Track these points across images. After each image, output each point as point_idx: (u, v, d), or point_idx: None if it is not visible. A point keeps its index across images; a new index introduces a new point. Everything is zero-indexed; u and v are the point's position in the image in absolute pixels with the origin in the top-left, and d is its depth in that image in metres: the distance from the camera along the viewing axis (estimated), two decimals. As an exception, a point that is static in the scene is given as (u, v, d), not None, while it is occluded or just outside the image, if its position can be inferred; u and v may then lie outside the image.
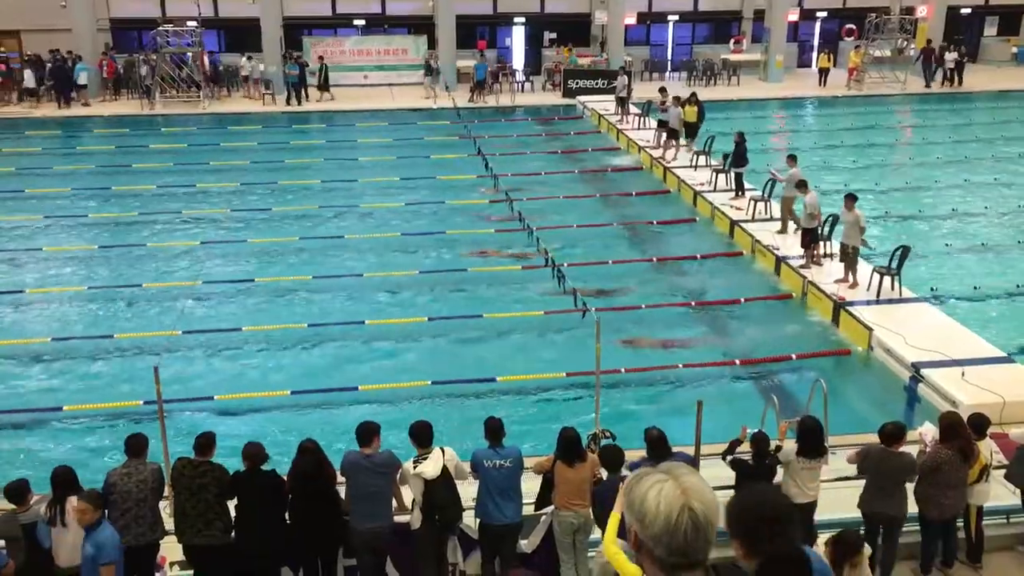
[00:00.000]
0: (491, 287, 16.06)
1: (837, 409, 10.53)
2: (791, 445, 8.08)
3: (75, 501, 7.18)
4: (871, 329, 13.32)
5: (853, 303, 14.15)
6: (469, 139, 26.04)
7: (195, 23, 31.53)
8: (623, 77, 29.06)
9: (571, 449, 7.86)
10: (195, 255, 17.79)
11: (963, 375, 11.66)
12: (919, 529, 8.23)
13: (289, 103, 31.57)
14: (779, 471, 8.12)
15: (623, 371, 12.52)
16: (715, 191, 20.31)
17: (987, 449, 8.30)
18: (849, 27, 38.15)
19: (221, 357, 13.58)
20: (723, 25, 38.74)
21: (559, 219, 19.58)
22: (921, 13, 36.39)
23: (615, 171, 24.21)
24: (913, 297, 14.58)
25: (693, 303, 15.39)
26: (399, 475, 7.83)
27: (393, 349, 13.77)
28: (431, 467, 7.57)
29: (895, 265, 14.40)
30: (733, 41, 37.58)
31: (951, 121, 29.78)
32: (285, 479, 7.83)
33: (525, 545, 8.13)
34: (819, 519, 8.21)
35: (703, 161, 22.13)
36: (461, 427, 10.85)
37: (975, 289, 15.64)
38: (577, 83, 33.03)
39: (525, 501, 8.09)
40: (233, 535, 7.75)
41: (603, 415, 10.30)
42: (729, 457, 8.29)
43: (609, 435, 8.91)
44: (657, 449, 7.75)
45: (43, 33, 33.05)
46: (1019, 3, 39.27)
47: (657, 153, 23.69)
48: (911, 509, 8.06)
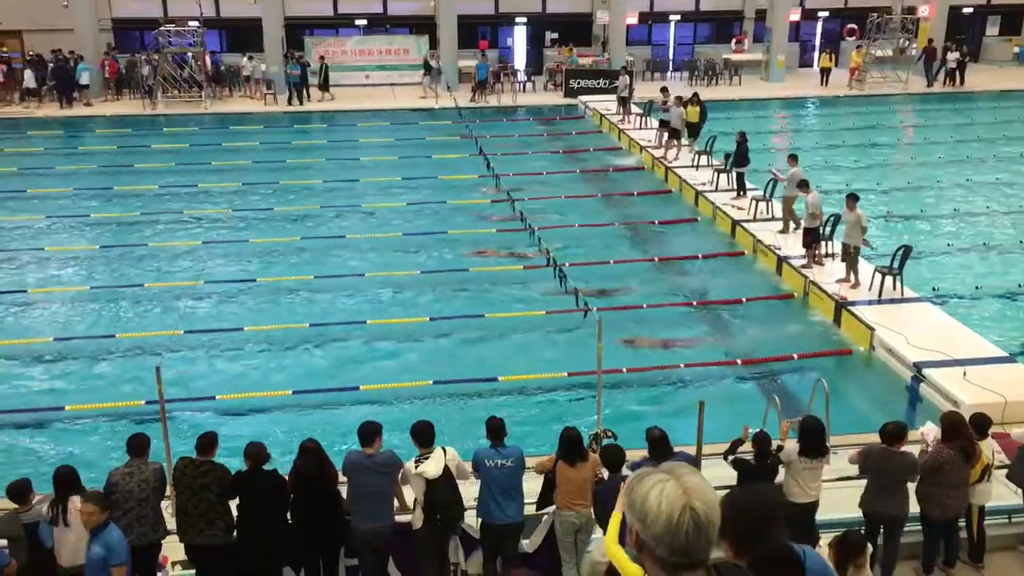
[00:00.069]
0: (493, 287, 16.06)
1: (839, 409, 10.52)
2: (793, 445, 8.08)
3: (77, 501, 7.18)
4: (873, 329, 13.31)
5: (855, 303, 14.14)
6: (471, 139, 26.07)
7: (197, 23, 31.55)
8: (625, 77, 29.06)
9: (573, 449, 7.86)
10: (197, 255, 17.80)
11: (965, 375, 11.66)
12: (921, 529, 8.22)
13: (291, 103, 31.58)
14: (781, 471, 8.12)
15: (624, 371, 12.52)
16: (717, 191, 20.31)
17: (989, 449, 8.30)
18: (851, 27, 38.11)
19: (223, 357, 13.59)
20: (725, 25, 38.71)
21: (561, 219, 19.58)
22: (923, 13, 36.36)
23: (617, 171, 24.20)
24: (915, 297, 14.57)
25: (695, 303, 15.38)
26: (401, 475, 7.83)
27: (395, 349, 13.77)
28: (433, 467, 7.57)
29: (897, 265, 14.39)
30: (735, 41, 37.55)
31: (953, 121, 29.75)
32: (287, 479, 7.84)
33: (527, 545, 8.13)
34: (821, 519, 8.21)
35: (705, 161, 22.12)
36: (463, 427, 10.85)
37: (977, 289, 15.64)
38: (579, 83, 33.02)
39: (527, 501, 8.09)
40: (235, 535, 7.75)
41: (605, 415, 10.30)
42: (731, 457, 8.28)
43: (611, 435, 8.90)
44: (659, 449, 7.75)
45: (45, 33, 33.10)
46: (1021, 3, 39.21)
47: (659, 153, 23.69)
48: (913, 509, 8.06)
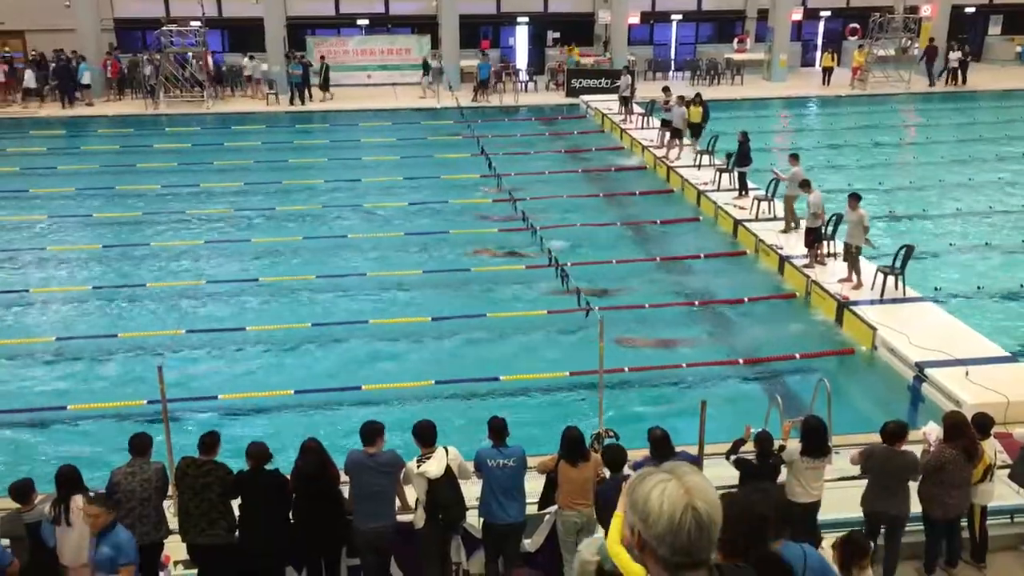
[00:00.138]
0: (495, 287, 16.06)
1: (841, 409, 10.53)
2: (795, 445, 8.07)
3: (80, 501, 7.19)
4: (875, 328, 13.30)
5: (857, 302, 14.13)
6: (472, 139, 26.06)
7: (199, 23, 31.58)
8: (626, 76, 29.06)
9: (574, 448, 7.86)
10: (199, 255, 17.82)
11: (967, 375, 11.66)
12: (923, 529, 8.21)
13: (292, 103, 31.59)
14: (783, 471, 8.11)
15: (626, 370, 12.52)
16: (719, 190, 20.31)
17: (991, 449, 8.29)
18: (853, 26, 38.09)
19: (225, 357, 13.61)
20: (727, 24, 38.70)
21: (562, 218, 19.58)
22: (925, 12, 36.31)
23: (619, 171, 24.19)
24: (917, 296, 14.56)
25: (697, 303, 15.37)
26: (403, 474, 7.83)
27: (396, 349, 13.78)
28: (435, 466, 7.57)
29: (899, 264, 14.38)
30: (737, 40, 37.54)
31: (955, 120, 29.72)
32: (288, 478, 7.84)
33: (528, 544, 8.13)
34: (823, 519, 8.21)
35: (707, 160, 22.11)
36: (465, 427, 10.86)
37: (979, 289, 15.62)
38: (580, 83, 33.00)
39: (528, 500, 8.09)
40: (237, 534, 7.76)
41: (606, 414, 10.31)
42: (733, 457, 8.28)
43: (612, 434, 8.90)
44: (660, 449, 7.74)
45: (47, 33, 33.12)
46: (1023, 2, 39.16)
47: (660, 153, 23.68)
48: (915, 509, 8.05)
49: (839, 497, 8.50)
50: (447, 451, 7.73)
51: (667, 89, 25.59)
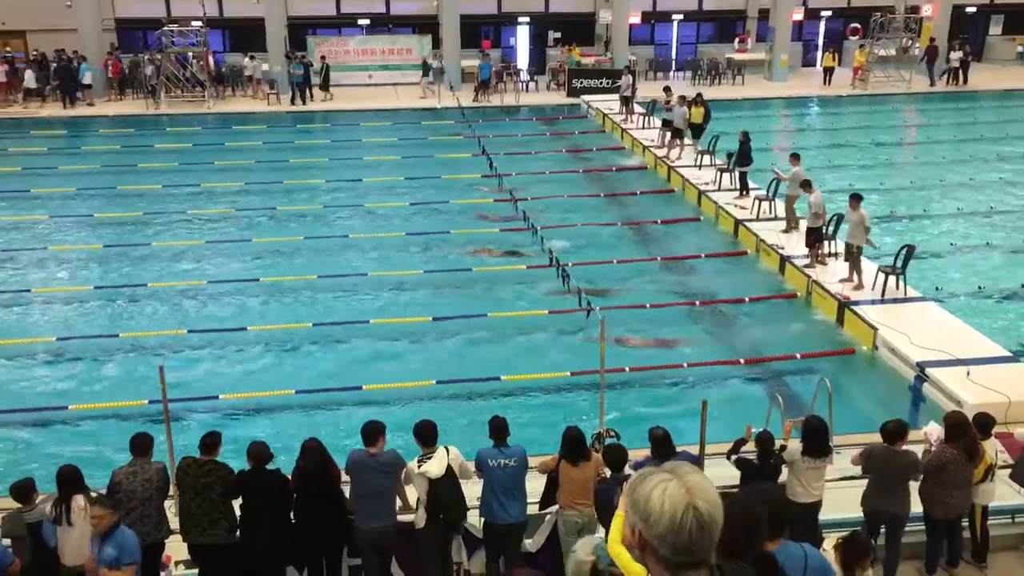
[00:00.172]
0: (496, 287, 16.05)
1: (842, 408, 10.52)
2: (796, 444, 8.07)
3: (81, 501, 7.20)
4: (876, 328, 13.30)
5: (858, 302, 14.13)
6: (474, 138, 26.07)
7: (200, 23, 31.59)
8: (627, 76, 29.04)
9: (575, 448, 7.87)
10: (200, 254, 17.81)
11: (968, 375, 11.65)
12: (924, 529, 8.21)
13: (294, 103, 31.59)
14: (784, 470, 8.11)
15: (627, 370, 12.52)
16: (719, 190, 20.30)
17: (992, 449, 8.29)
18: (854, 26, 38.05)
19: (226, 356, 13.61)
20: (727, 24, 38.69)
21: (563, 218, 19.58)
22: (926, 12, 36.30)
23: (620, 170, 24.18)
24: (918, 296, 14.56)
25: (697, 302, 15.37)
26: (404, 474, 7.84)
27: (398, 349, 13.78)
28: (436, 466, 7.57)
29: (900, 264, 14.38)
30: (737, 40, 37.53)
31: (956, 120, 29.72)
32: (290, 478, 7.84)
33: (529, 544, 8.13)
34: (824, 519, 8.21)
35: (707, 160, 22.11)
36: (466, 426, 10.86)
37: (980, 288, 15.61)
38: (581, 82, 32.99)
39: (530, 500, 8.09)
40: (238, 534, 7.77)
41: (607, 414, 10.30)
42: (734, 456, 8.28)
43: (613, 434, 8.92)
44: (661, 448, 7.74)
45: (49, 33, 33.14)
46: (1024, 2, 39.19)
47: (661, 152, 23.67)
48: (916, 509, 8.05)
49: (840, 497, 8.49)
50: (448, 451, 7.73)
51: (668, 89, 25.58)
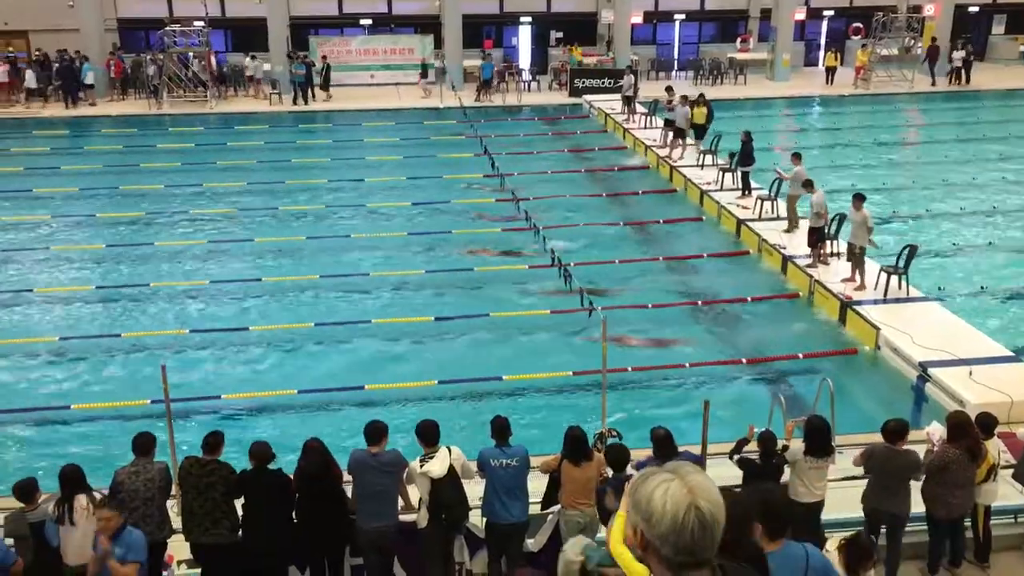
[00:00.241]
0: (498, 286, 16.05)
1: (844, 408, 10.52)
2: (798, 444, 8.06)
3: (83, 500, 7.21)
4: (878, 328, 13.29)
5: (860, 302, 14.12)
6: (476, 138, 26.07)
7: (202, 23, 31.61)
8: (629, 76, 29.05)
9: (577, 448, 7.86)
10: (202, 254, 17.82)
11: (970, 374, 11.64)
12: (926, 528, 8.20)
13: (296, 103, 31.62)
14: (786, 470, 8.11)
15: (630, 370, 12.51)
16: (722, 190, 20.29)
17: (995, 448, 8.27)
18: (856, 26, 38.04)
19: (228, 356, 13.62)
20: (730, 24, 38.69)
21: (565, 218, 19.58)
22: (928, 11, 36.27)
23: (622, 170, 24.18)
24: (920, 296, 14.54)
25: (700, 302, 15.36)
26: (406, 474, 7.84)
27: (399, 348, 13.77)
28: (438, 466, 7.57)
29: (902, 264, 14.36)
30: (740, 40, 37.51)
31: (959, 120, 29.69)
32: (292, 478, 7.85)
33: (531, 544, 8.13)
34: (826, 519, 8.20)
35: (710, 160, 22.10)
36: (468, 426, 10.86)
37: (982, 288, 15.60)
38: (583, 82, 33.00)
39: (532, 500, 8.09)
40: (240, 534, 7.77)
41: (609, 414, 10.30)
42: (736, 456, 8.27)
43: (615, 434, 8.91)
44: (663, 448, 7.73)
45: (51, 33, 33.19)
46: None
47: (663, 152, 23.67)
48: (918, 508, 8.04)
49: (842, 497, 8.48)
50: (450, 451, 7.72)
51: (670, 89, 25.57)
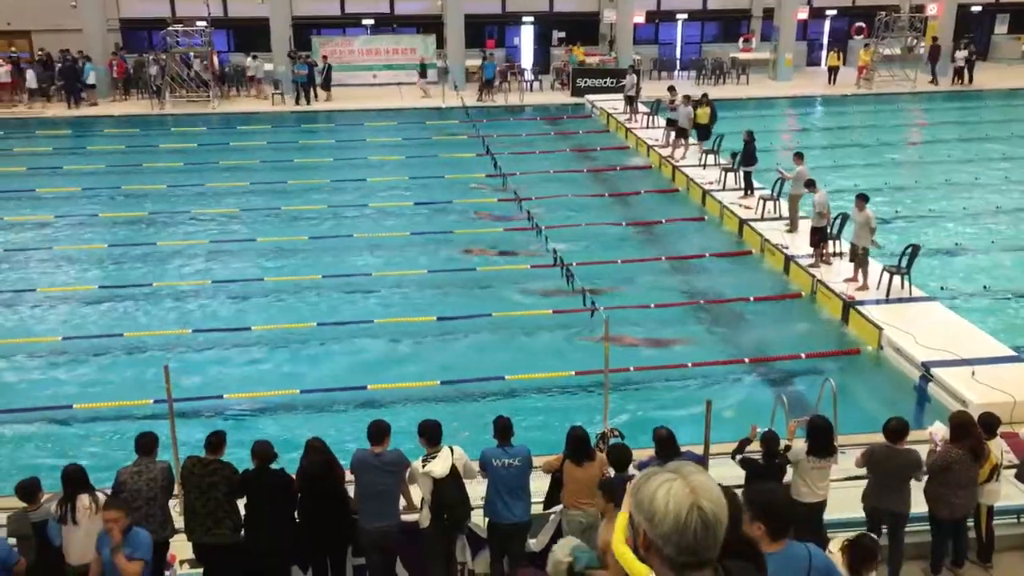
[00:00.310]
0: (500, 286, 16.04)
1: (846, 408, 10.50)
2: (800, 444, 8.06)
3: (86, 500, 7.22)
4: (881, 328, 13.27)
5: (863, 302, 14.10)
6: (478, 138, 26.08)
7: (204, 23, 31.63)
8: (632, 76, 29.03)
9: (580, 448, 7.85)
10: (204, 254, 17.83)
11: (973, 374, 11.62)
12: (929, 528, 8.20)
13: (298, 103, 31.64)
14: (788, 470, 8.10)
15: (632, 370, 12.51)
16: (724, 190, 20.28)
17: (997, 448, 8.27)
18: (859, 25, 38.02)
19: (231, 356, 13.62)
20: (732, 24, 38.67)
21: (567, 218, 19.57)
22: (931, 11, 36.25)
23: (624, 170, 24.16)
24: (923, 296, 14.53)
25: (702, 302, 15.36)
26: (408, 474, 7.84)
27: (402, 348, 13.77)
28: (440, 466, 7.57)
29: (905, 264, 14.35)
30: (742, 40, 37.49)
31: (961, 119, 29.65)
32: (294, 478, 7.85)
33: (534, 544, 8.13)
34: (829, 519, 8.19)
35: (712, 160, 22.09)
36: (470, 426, 10.85)
37: (985, 288, 15.58)
38: (586, 82, 33.00)
39: (534, 500, 8.09)
40: (242, 533, 7.77)
41: (612, 414, 10.29)
42: (739, 456, 8.26)
43: (618, 434, 8.90)
44: (666, 448, 7.73)
45: (53, 33, 33.24)
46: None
47: (666, 152, 23.66)
48: (921, 508, 8.03)
49: (845, 497, 8.47)
50: (452, 450, 7.73)
51: (672, 88, 25.56)
